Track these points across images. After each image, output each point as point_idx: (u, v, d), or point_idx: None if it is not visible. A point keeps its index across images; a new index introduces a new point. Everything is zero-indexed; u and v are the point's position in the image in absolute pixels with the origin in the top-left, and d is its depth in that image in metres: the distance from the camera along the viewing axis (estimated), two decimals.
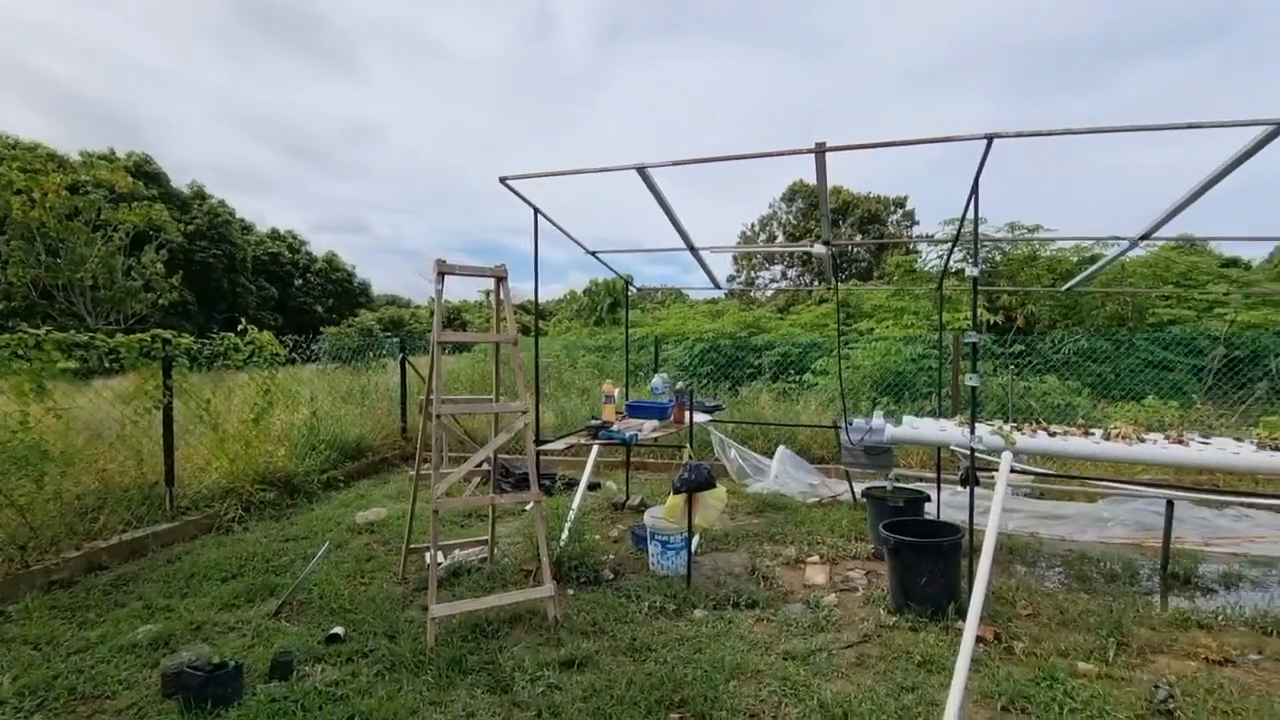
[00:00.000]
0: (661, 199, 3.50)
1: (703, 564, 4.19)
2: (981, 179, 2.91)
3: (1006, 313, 10.63)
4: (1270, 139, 2.43)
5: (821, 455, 6.81)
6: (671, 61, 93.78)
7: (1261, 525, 4.90)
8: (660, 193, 3.43)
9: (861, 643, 3.13)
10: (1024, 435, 3.66)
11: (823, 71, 79.06)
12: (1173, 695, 2.62)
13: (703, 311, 18.42)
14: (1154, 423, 6.68)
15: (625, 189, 3.64)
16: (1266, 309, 10.76)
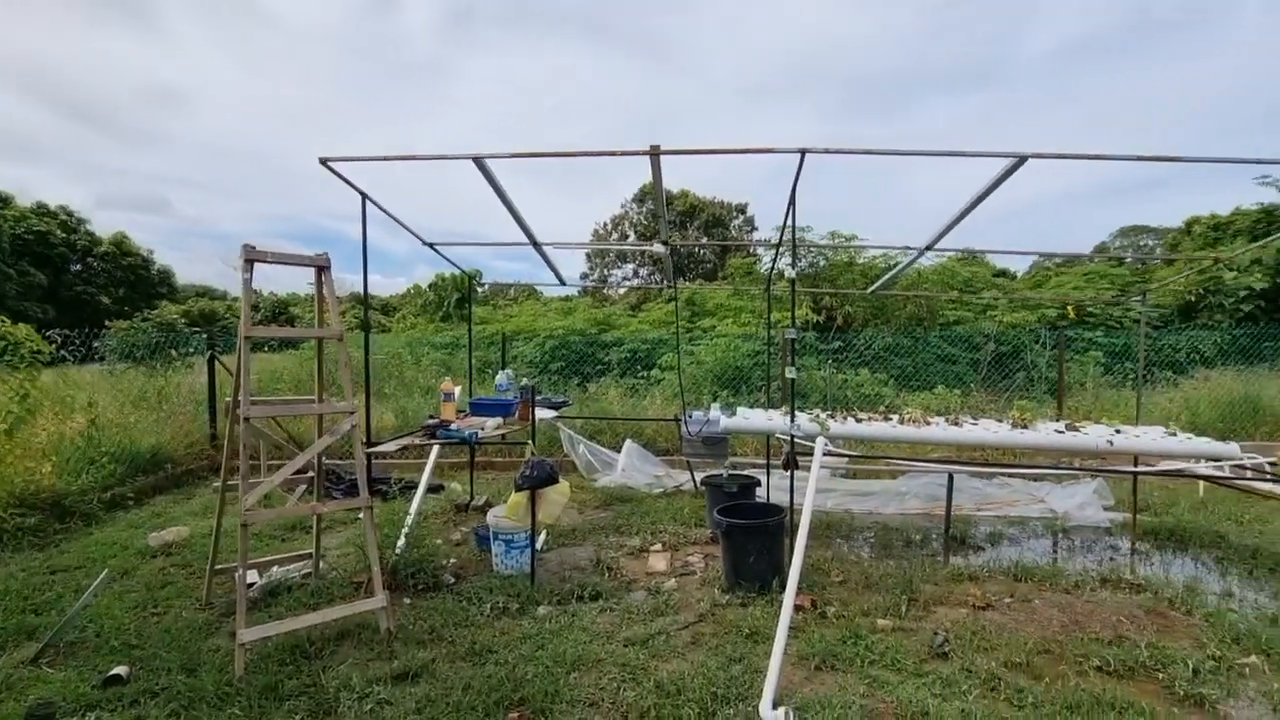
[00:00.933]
0: (501, 191, 3.43)
1: (548, 560, 4.18)
2: (812, 193, 3.22)
3: (828, 313, 11.78)
4: (1015, 168, 2.94)
5: (667, 447, 7.09)
6: (521, 55, 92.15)
7: (1017, 491, 5.89)
8: (499, 185, 3.36)
9: (697, 622, 3.30)
10: (836, 422, 4.08)
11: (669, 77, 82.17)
12: (947, 639, 3.06)
13: (555, 309, 18.35)
14: (941, 408, 7.77)
15: (475, 182, 3.52)
16: (1025, 312, 12.97)
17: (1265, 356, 10.99)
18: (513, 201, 3.66)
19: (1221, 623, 3.24)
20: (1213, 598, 3.62)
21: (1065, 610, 3.44)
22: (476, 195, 3.91)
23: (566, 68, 78.06)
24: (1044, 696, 2.61)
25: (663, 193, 3.36)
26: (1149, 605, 3.49)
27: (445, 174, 14.60)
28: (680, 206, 32.56)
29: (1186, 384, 9.70)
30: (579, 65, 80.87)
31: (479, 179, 3.48)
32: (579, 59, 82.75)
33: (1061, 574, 3.91)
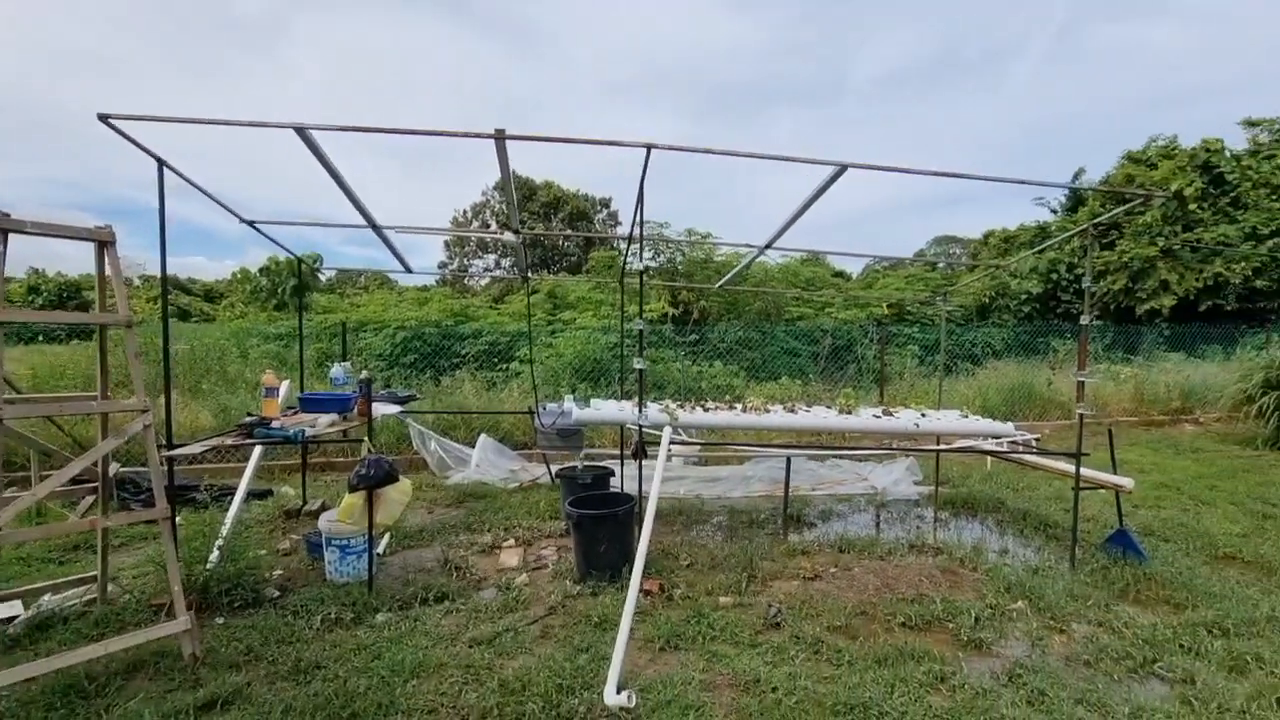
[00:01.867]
0: (330, 167, 3.14)
1: (390, 564, 3.94)
2: (673, 191, 3.32)
3: (685, 307, 12.23)
4: (838, 175, 3.22)
5: (524, 441, 6.97)
6: (372, 26, 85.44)
7: (845, 471, 6.49)
8: (328, 160, 3.07)
9: (547, 616, 3.27)
10: (685, 412, 4.24)
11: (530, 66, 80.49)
12: (781, 610, 3.30)
13: (410, 299, 17.34)
14: (785, 397, 8.38)
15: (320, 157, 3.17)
16: (856, 310, 14.33)
17: (1039, 350, 13.06)
18: (346, 180, 3.37)
19: (998, 576, 3.78)
20: (993, 555, 4.22)
21: (879, 575, 3.84)
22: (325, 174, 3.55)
23: (423, 48, 73.41)
24: (858, 654, 2.90)
25: (511, 179, 3.27)
26: (944, 565, 4.00)
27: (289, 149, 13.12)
28: (544, 198, 32.16)
29: (981, 373, 11.27)
30: (436, 45, 76.41)
31: (335, 157, 3.16)
32: (436, 38, 78.19)
33: (878, 543, 4.37)
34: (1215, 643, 3.02)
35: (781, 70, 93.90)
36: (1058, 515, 4.99)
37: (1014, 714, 2.46)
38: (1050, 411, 9.61)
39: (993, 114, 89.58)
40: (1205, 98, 55.19)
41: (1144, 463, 7.02)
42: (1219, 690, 2.63)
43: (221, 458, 6.03)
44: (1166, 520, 4.94)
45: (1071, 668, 2.84)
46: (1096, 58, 76.28)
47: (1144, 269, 15.65)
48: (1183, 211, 15.33)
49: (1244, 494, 5.72)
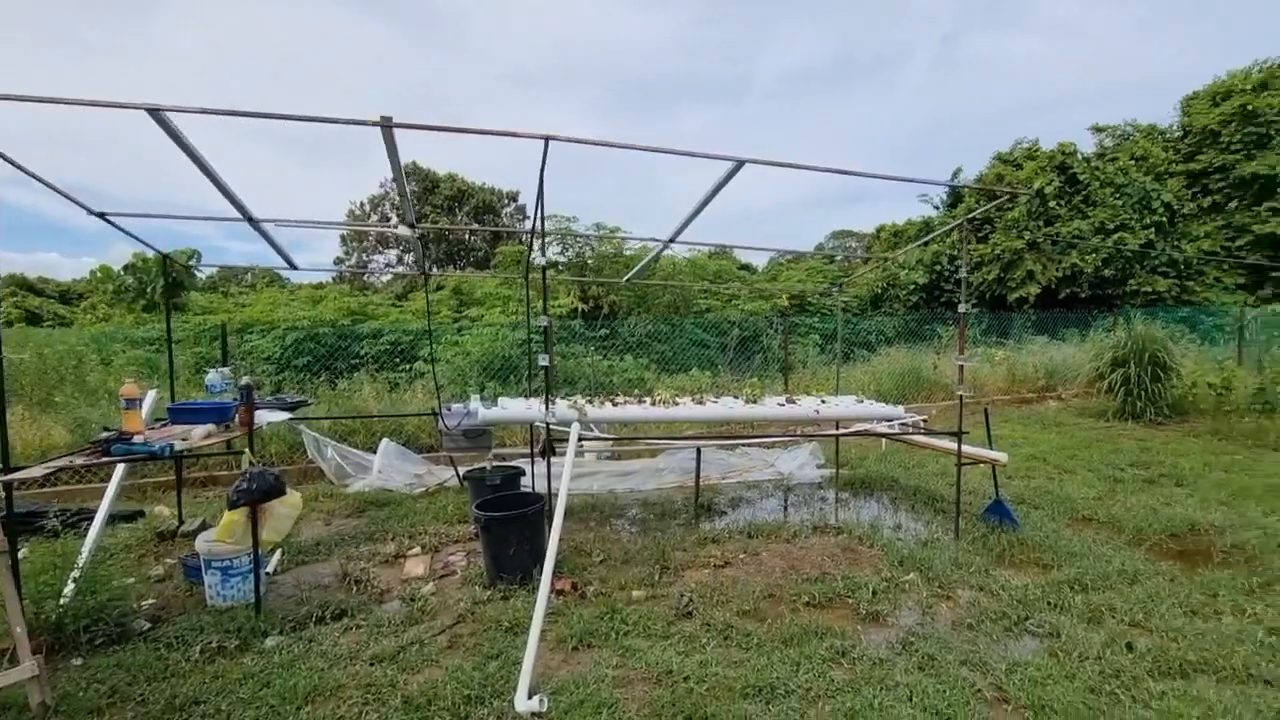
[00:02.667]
0: (193, 153, 2.84)
1: (282, 583, 3.66)
2: (581, 187, 3.25)
3: (595, 301, 12.19)
4: (736, 170, 3.29)
5: (430, 444, 6.70)
6: (260, 5, 78.78)
7: (754, 459, 6.70)
8: (189, 146, 2.77)
9: (455, 625, 3.16)
10: (594, 407, 4.21)
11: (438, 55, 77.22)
12: (692, 600, 3.35)
13: (303, 297, 16.28)
14: (695, 388, 8.53)
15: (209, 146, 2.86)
16: (761, 302, 14.83)
17: (925, 336, 14.03)
18: (214, 169, 3.06)
19: (892, 550, 4.02)
20: (888, 531, 4.49)
21: (785, 558, 3.99)
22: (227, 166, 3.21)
23: (317, 32, 68.14)
24: (766, 636, 2.99)
25: (402, 170, 3.09)
26: (845, 544, 4.21)
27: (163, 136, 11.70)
28: (448, 190, 31.07)
29: (875, 360, 11.96)
30: (331, 29, 71.25)
31: (220, 144, 2.84)
32: (331, 22, 72.86)
33: (784, 527, 4.53)
34: (1076, 598, 3.35)
35: (690, 66, 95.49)
36: (944, 490, 5.38)
37: (907, 680, 2.61)
38: (936, 393, 10.36)
39: (885, 115, 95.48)
40: (1063, 105, 61.45)
41: (1016, 437, 7.70)
42: (1079, 640, 2.91)
43: (81, 479, 5.39)
44: (1036, 489, 5.44)
45: (957, 631, 3.06)
46: (974, 65, 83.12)
47: (1013, 260, 17.17)
48: (1044, 208, 16.94)
49: (1098, 461, 6.40)
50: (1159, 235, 17.07)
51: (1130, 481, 5.67)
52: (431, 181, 31.06)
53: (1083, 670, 2.68)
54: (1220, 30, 50.51)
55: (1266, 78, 18.86)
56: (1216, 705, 2.40)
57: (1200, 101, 20.05)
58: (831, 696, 2.52)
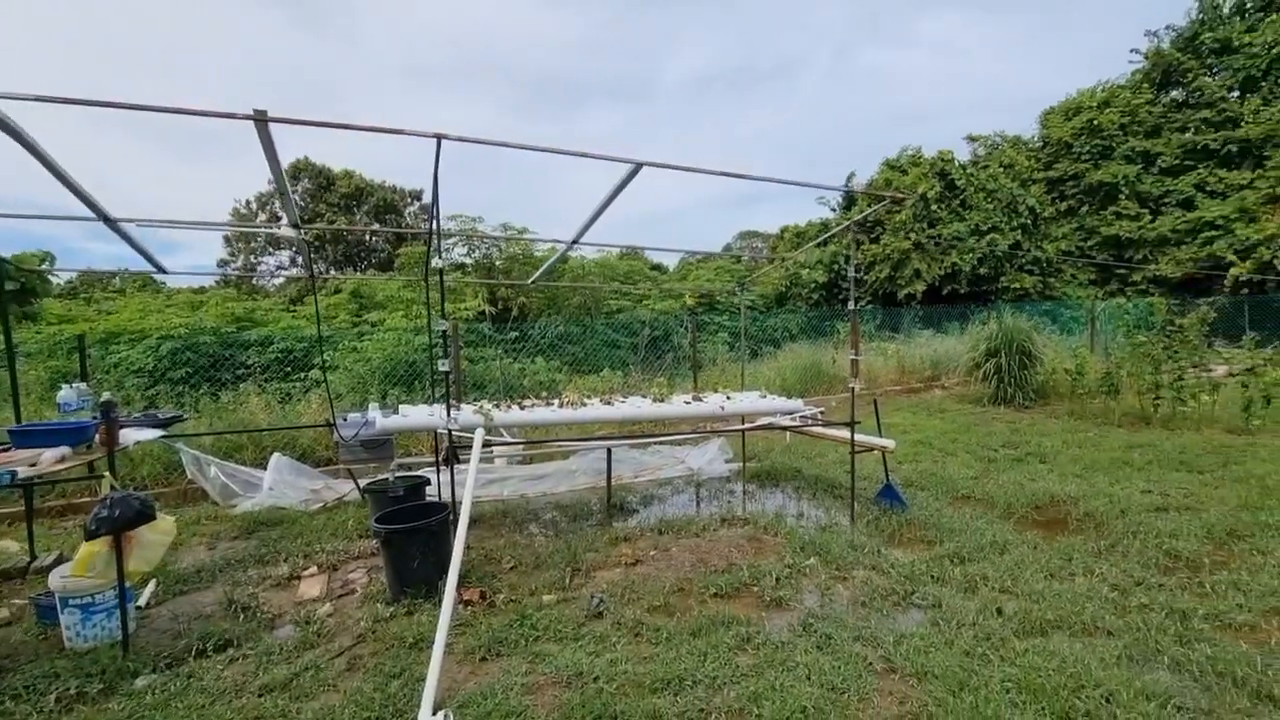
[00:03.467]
0: (29, 144, 2.53)
1: (157, 616, 3.35)
2: (491, 186, 3.15)
3: (505, 303, 11.97)
4: (634, 173, 3.33)
5: (328, 457, 6.34)
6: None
7: (665, 456, 6.81)
8: (24, 135, 2.47)
9: (355, 645, 3.01)
10: (501, 411, 4.13)
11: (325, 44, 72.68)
12: (603, 600, 3.36)
13: (181, 302, 14.97)
14: (607, 389, 8.56)
15: (80, 139, 2.50)
16: (672, 301, 15.08)
17: (826, 332, 14.78)
18: (56, 161, 2.74)
19: (795, 538, 4.21)
20: (791, 519, 4.69)
21: (695, 552, 4.08)
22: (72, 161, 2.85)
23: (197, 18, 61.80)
24: (675, 629, 3.05)
25: (281, 168, 2.90)
26: (751, 534, 4.37)
27: None
28: (345, 189, 29.52)
29: (781, 355, 12.48)
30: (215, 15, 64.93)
31: (82, 135, 2.52)
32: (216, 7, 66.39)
33: (694, 522, 4.64)
34: (955, 570, 3.64)
35: (599, 66, 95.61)
36: (843, 477, 5.69)
37: (806, 660, 2.75)
38: (836, 386, 10.94)
39: (785, 120, 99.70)
40: (944, 115, 66.72)
41: (905, 424, 8.27)
42: (957, 609, 3.17)
43: None
44: (922, 471, 5.86)
45: (852, 610, 3.25)
46: (865, 77, 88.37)
47: (902, 260, 18.42)
48: (927, 211, 18.28)
49: (975, 444, 6.99)
50: (1025, 236, 18.83)
51: (1002, 461, 6.23)
52: (326, 179, 29.41)
53: (960, 636, 2.91)
54: (1074, 50, 56.54)
55: (1108, 96, 21.26)
56: (1069, 657, 2.69)
57: (1055, 116, 22.33)
58: (736, 683, 2.60)
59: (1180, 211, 19.20)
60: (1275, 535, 4.01)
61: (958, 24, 77.05)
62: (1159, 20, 29.90)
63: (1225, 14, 20.86)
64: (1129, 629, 2.94)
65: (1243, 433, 7.04)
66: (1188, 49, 20.91)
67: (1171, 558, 3.76)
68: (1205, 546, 3.90)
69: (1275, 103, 18.33)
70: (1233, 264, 17.14)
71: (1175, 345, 8.35)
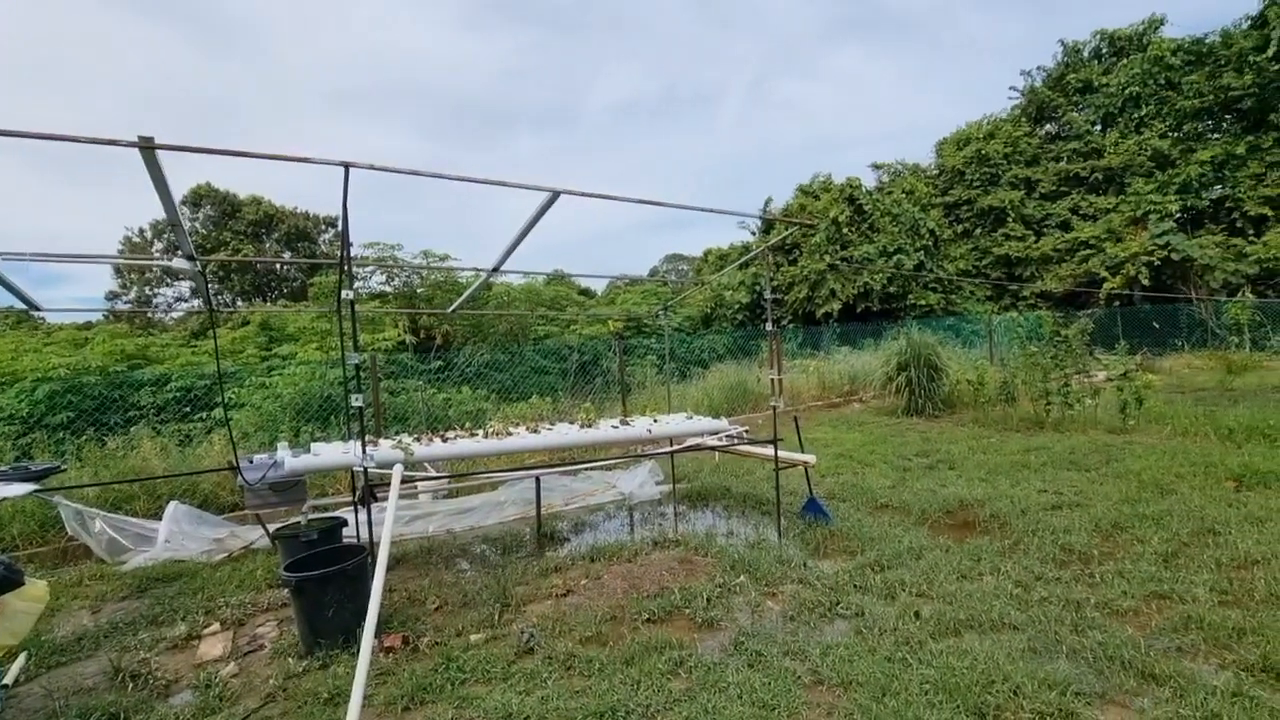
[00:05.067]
0: None
1: (26, 695, 2.99)
2: (410, 211, 3.04)
3: (426, 332, 11.64)
4: (552, 201, 3.35)
5: (234, 502, 5.91)
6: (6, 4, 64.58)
7: (596, 482, 6.76)
8: None
9: (262, 706, 2.79)
10: (421, 445, 3.99)
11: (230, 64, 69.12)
12: (534, 635, 3.27)
13: (62, 339, 13.68)
14: (536, 416, 8.44)
15: None
16: (600, 325, 15.12)
17: (751, 351, 15.21)
18: None
19: (725, 557, 4.26)
20: (721, 539, 4.74)
21: (626, 578, 4.05)
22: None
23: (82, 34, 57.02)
24: (608, 659, 3.00)
25: (171, 197, 2.72)
26: (682, 556, 4.38)
27: None
28: (252, 215, 28.06)
29: (708, 375, 12.72)
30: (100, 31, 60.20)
31: None
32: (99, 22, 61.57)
33: (626, 547, 4.60)
34: (876, 577, 3.78)
35: (521, 93, 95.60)
36: (770, 493, 5.82)
37: (738, 679, 2.77)
38: (762, 404, 11.24)
39: (706, 146, 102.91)
40: (852, 144, 70.94)
41: (827, 438, 8.58)
42: (879, 616, 3.29)
43: None
44: (844, 483, 6.09)
45: (781, 625, 3.30)
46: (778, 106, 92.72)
47: (818, 280, 19.29)
48: (839, 234, 19.28)
49: (891, 454, 7.33)
50: (928, 256, 20.16)
51: (916, 469, 6.57)
52: (232, 205, 27.88)
53: (881, 643, 3.02)
54: (963, 82, 61.59)
55: (993, 128, 23.24)
56: (980, 654, 2.83)
57: (949, 145, 24.17)
58: (669, 709, 2.59)
59: (1059, 233, 21.14)
60: (1152, 525, 4.40)
61: (860, 58, 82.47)
62: (1031, 60, 33.14)
63: (1085, 57, 23.37)
64: (1031, 622, 3.14)
65: (1121, 432, 7.73)
66: (1056, 87, 23.24)
67: (1066, 552, 4.05)
68: (1094, 539, 4.22)
69: (1131, 135, 20.60)
70: (1105, 279, 18.97)
71: (1061, 355, 9.11)
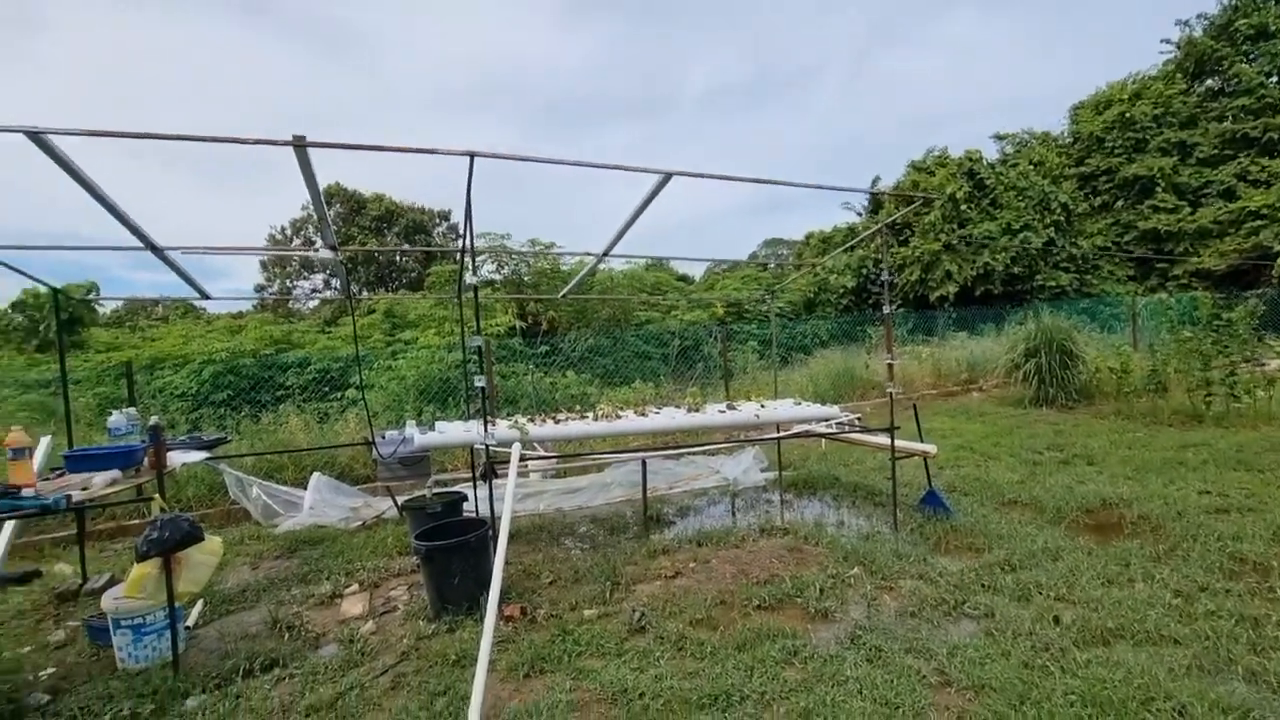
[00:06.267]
0: (82, 178, 2.63)
1: (205, 637, 3.41)
2: (517, 203, 3.17)
3: (534, 319, 12.06)
4: (664, 183, 3.33)
5: (366, 475, 6.43)
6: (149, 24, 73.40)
7: (700, 467, 6.74)
8: (77, 170, 2.57)
9: (398, 663, 3.01)
10: (535, 425, 4.14)
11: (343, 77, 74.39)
12: (644, 614, 3.31)
13: (221, 327, 15.43)
14: (639, 400, 8.54)
15: (119, 172, 2.63)
16: (700, 311, 15.03)
17: (857, 337, 14.57)
18: (107, 194, 2.85)
19: (837, 547, 4.12)
20: (831, 528, 4.59)
21: (735, 563, 4.01)
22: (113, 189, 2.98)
23: (219, 50, 63.98)
24: (719, 644, 2.99)
25: (319, 191, 2.96)
26: (791, 545, 4.28)
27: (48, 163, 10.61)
28: (376, 211, 30.20)
29: (813, 362, 12.33)
30: (233, 48, 67.07)
31: (122, 168, 2.64)
32: (232, 40, 68.60)
33: (733, 533, 4.57)
34: (1007, 578, 3.51)
35: (614, 84, 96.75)
36: (882, 484, 5.57)
37: (856, 674, 2.66)
38: (870, 392, 10.75)
39: (804, 128, 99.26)
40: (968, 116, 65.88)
41: (945, 429, 8.07)
42: (1012, 618, 3.05)
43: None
44: (965, 476, 5.70)
45: (901, 620, 3.15)
46: (884, 81, 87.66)
47: (932, 261, 18.11)
48: (956, 211, 17.96)
49: (1019, 446, 6.78)
50: (1059, 233, 18.37)
51: (1048, 463, 6.03)
52: (358, 203, 30.14)
53: (1016, 647, 2.80)
54: (1100, 45, 55.35)
55: (1140, 88, 20.71)
56: (1135, 667, 2.56)
57: (1086, 110, 21.81)
58: (785, 698, 2.54)
59: (1221, 202, 18.56)
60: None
61: (974, 23, 76.03)
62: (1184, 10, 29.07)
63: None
64: (1197, 637, 2.79)
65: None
66: (1222, 36, 20.30)
67: (1237, 561, 3.58)
68: (1273, 549, 3.70)
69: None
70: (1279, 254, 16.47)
71: (1225, 340, 8.01)
